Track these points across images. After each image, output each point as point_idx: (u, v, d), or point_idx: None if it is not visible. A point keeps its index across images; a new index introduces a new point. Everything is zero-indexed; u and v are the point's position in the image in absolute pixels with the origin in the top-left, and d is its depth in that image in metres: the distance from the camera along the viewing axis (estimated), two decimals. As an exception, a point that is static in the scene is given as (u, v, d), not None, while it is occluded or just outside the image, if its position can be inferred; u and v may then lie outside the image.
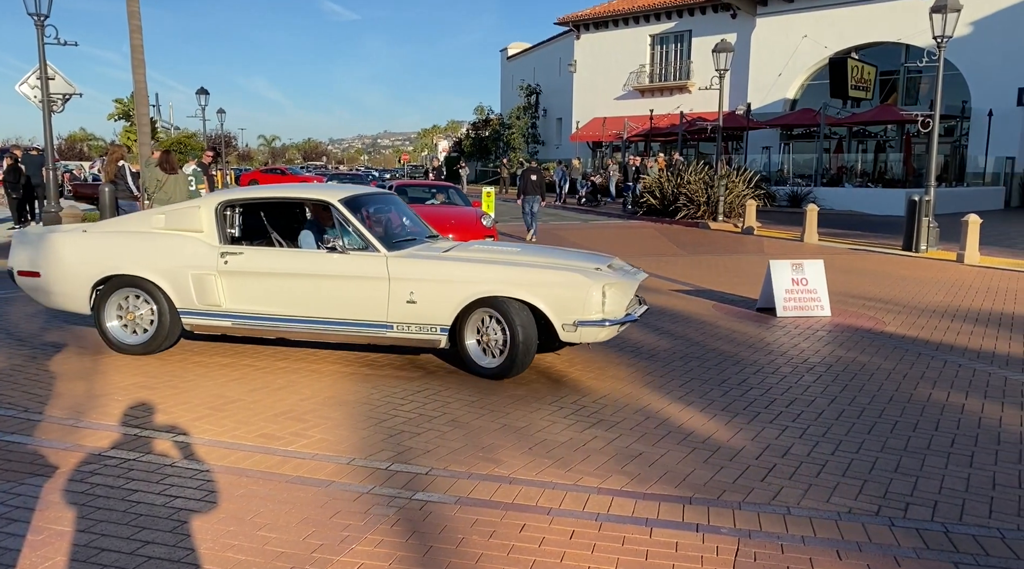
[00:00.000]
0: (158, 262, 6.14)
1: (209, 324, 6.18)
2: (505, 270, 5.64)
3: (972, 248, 13.07)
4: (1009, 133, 27.14)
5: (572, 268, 5.74)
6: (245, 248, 6.12)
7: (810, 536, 3.45)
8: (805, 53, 30.94)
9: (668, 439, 4.63)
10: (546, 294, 5.53)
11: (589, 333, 5.55)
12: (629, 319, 5.78)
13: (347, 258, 5.82)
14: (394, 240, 6.15)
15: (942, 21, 14.11)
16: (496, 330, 5.66)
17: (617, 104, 38.43)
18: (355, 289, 5.77)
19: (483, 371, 5.71)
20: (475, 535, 3.41)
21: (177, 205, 6.51)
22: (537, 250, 6.61)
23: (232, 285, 6.02)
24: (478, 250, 6.26)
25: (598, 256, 6.46)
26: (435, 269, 5.70)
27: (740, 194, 20.37)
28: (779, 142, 32.09)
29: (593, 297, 5.47)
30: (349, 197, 6.17)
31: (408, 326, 5.74)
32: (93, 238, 6.48)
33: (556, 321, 5.53)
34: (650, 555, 3.27)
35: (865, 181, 28.09)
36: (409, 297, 5.68)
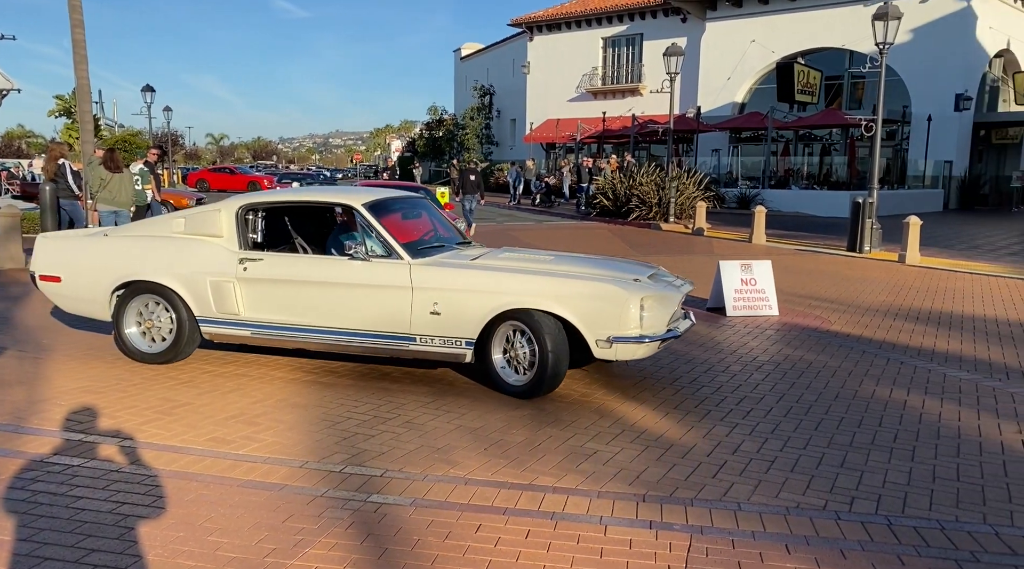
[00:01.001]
0: (177, 268, 5.88)
1: (228, 333, 5.89)
2: (533, 280, 5.26)
3: (913, 249, 13.48)
4: (947, 138, 28.07)
5: (607, 278, 5.34)
6: (266, 254, 5.83)
7: (760, 531, 3.52)
8: (753, 58, 31.55)
9: (622, 438, 4.68)
10: (578, 306, 5.12)
11: (625, 350, 5.12)
12: (671, 335, 5.31)
13: (368, 266, 5.49)
14: (420, 247, 5.79)
15: (884, 28, 14.53)
16: (524, 345, 5.29)
17: (570, 106, 38.67)
18: (377, 299, 5.45)
19: (510, 389, 5.34)
20: (431, 536, 3.40)
21: (198, 209, 6.17)
22: (572, 258, 6.14)
23: (251, 293, 5.74)
24: (507, 258, 5.86)
25: (639, 265, 6.09)
26: (459, 278, 5.37)
27: (691, 196, 20.68)
28: (728, 145, 32.65)
29: (630, 310, 5.05)
30: (374, 201, 5.85)
31: (431, 339, 5.40)
32: (113, 242, 6.26)
33: (589, 336, 5.11)
34: (605, 553, 3.30)
35: (811, 183, 28.75)
36: (433, 308, 5.33)
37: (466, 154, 44.75)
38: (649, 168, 22.07)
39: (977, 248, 16.02)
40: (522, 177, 31.31)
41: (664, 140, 24.99)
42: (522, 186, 30.85)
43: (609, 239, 17.24)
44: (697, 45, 32.93)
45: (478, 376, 5.84)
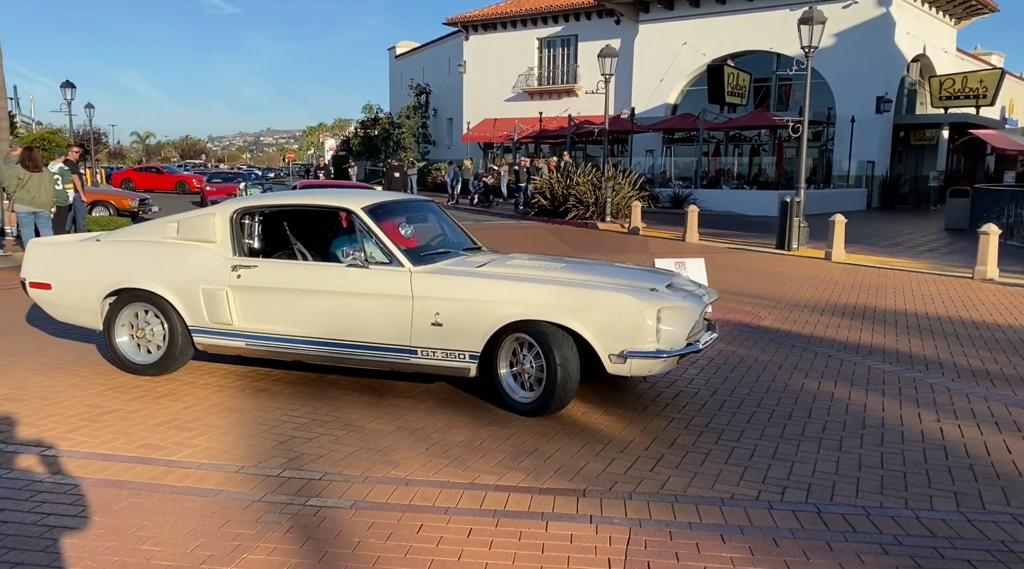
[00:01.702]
0: (168, 275, 5.59)
1: (222, 344, 5.60)
2: (541, 289, 4.92)
3: (838, 246, 13.96)
4: (869, 139, 29.15)
5: (622, 288, 4.96)
6: (260, 261, 5.53)
7: (696, 522, 3.61)
8: (685, 60, 32.19)
9: (562, 434, 4.73)
10: (589, 318, 4.76)
11: (641, 366, 4.78)
12: (691, 350, 4.93)
13: (367, 273, 5.18)
14: (422, 253, 5.47)
15: (809, 32, 15.01)
16: (531, 359, 4.96)
17: (507, 106, 38.77)
18: (376, 308, 5.14)
19: (516, 406, 5.01)
20: (372, 538, 3.38)
21: (192, 213, 5.88)
22: (585, 266, 5.75)
23: (244, 301, 5.44)
24: (515, 265, 5.48)
25: (658, 273, 5.76)
26: (462, 287, 5.02)
27: (626, 196, 20.98)
28: (662, 145, 33.23)
29: (645, 323, 4.68)
30: (374, 205, 5.55)
31: (433, 352, 5.07)
32: (104, 248, 6.00)
33: (601, 350, 4.77)
34: (546, 548, 3.33)
35: (741, 183, 29.49)
36: (434, 319, 5.00)
37: (403, 153, 44.42)
38: (586, 168, 22.30)
39: (898, 245, 16.69)
40: (460, 177, 31.25)
41: (600, 140, 25.31)
42: (460, 186, 30.79)
43: (547, 238, 17.35)
44: (631, 47, 33.41)
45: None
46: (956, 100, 30.63)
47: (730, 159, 32.45)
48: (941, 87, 31.03)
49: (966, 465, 4.38)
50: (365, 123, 52.95)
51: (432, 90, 46.55)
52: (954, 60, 35.03)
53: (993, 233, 11.53)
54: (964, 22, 35.11)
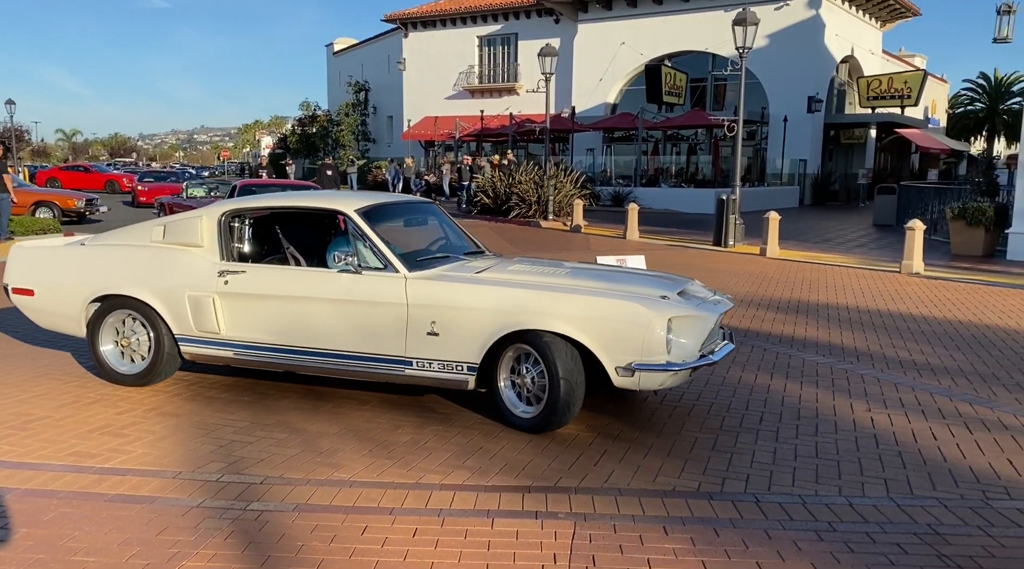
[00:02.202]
0: (154, 281, 5.32)
1: (208, 354, 5.32)
2: (542, 296, 4.61)
3: (773, 242, 14.33)
4: (801, 138, 30.00)
5: (630, 295, 4.65)
6: (248, 266, 5.26)
7: (640, 514, 3.66)
8: (623, 59, 32.58)
9: (507, 432, 4.74)
10: (594, 328, 4.45)
11: (650, 379, 4.45)
12: (704, 362, 4.60)
13: (360, 279, 4.89)
14: (419, 257, 5.18)
15: (743, 33, 15.36)
16: (533, 371, 4.66)
17: (448, 103, 38.65)
18: (369, 317, 4.85)
19: (517, 421, 4.72)
20: (315, 541, 3.33)
21: (179, 215, 5.59)
22: (591, 272, 5.40)
23: (232, 309, 5.17)
24: (516, 271, 5.15)
25: (670, 279, 5.39)
26: (458, 294, 4.73)
27: (568, 194, 21.13)
28: (602, 144, 33.59)
29: (655, 333, 4.37)
30: (368, 207, 5.24)
31: (429, 363, 4.78)
32: (88, 252, 5.72)
33: (607, 362, 4.46)
34: (492, 545, 3.34)
35: (679, 182, 29.99)
36: (430, 328, 4.72)
37: (342, 152, 43.89)
38: (528, 167, 22.39)
39: (829, 241, 17.21)
40: (401, 175, 31.02)
41: (541, 139, 25.45)
42: (401, 184, 30.57)
43: (491, 236, 17.37)
44: (570, 46, 33.66)
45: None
46: (882, 100, 31.73)
47: (668, 158, 32.99)
48: (868, 87, 32.11)
49: (895, 452, 4.54)
50: (303, 121, 52.09)
51: (371, 87, 46.11)
52: (880, 61, 36.31)
53: (918, 229, 11.98)
54: (889, 25, 36.42)
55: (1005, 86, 38.07)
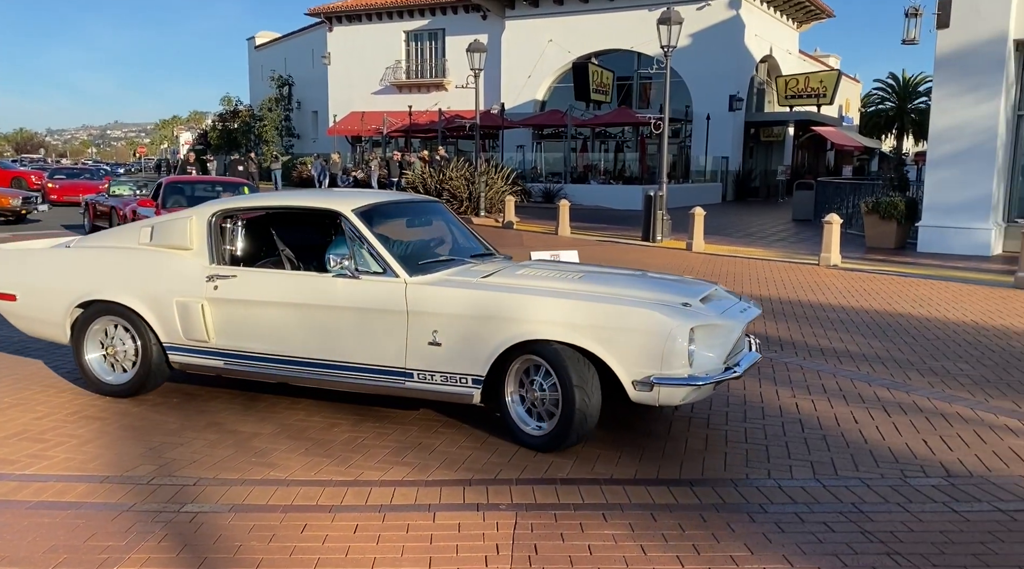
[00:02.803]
0: (140, 286, 5.01)
1: (198, 363, 5.01)
2: (552, 304, 4.26)
3: (698, 237, 14.69)
4: (723, 135, 30.81)
5: (649, 302, 4.28)
6: (240, 270, 4.93)
7: (579, 503, 3.72)
8: (551, 57, 32.82)
9: (445, 427, 4.74)
10: (609, 338, 4.11)
11: (670, 394, 4.10)
12: (729, 375, 4.25)
13: (356, 284, 4.55)
14: (421, 261, 4.80)
15: (667, 32, 15.68)
16: (544, 385, 4.31)
17: (375, 99, 38.22)
18: (365, 325, 4.53)
19: (527, 439, 4.38)
20: (253, 541, 3.27)
21: (167, 216, 5.28)
22: (606, 276, 4.97)
23: (221, 315, 4.85)
24: (525, 275, 4.73)
25: (691, 284, 5.06)
26: (462, 301, 4.38)
27: (499, 190, 21.18)
28: (532, 141, 33.77)
29: (676, 344, 4.02)
30: (366, 206, 4.88)
31: (431, 375, 4.45)
32: (73, 255, 5.40)
33: (624, 376, 4.12)
34: (434, 538, 3.34)
35: (608, 178, 30.44)
36: (432, 337, 4.38)
37: (265, 147, 42.92)
38: (459, 163, 22.34)
39: (752, 235, 17.75)
40: (327, 171, 30.53)
41: (471, 135, 25.45)
42: (327, 180, 30.09)
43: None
44: (499, 42, 33.71)
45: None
46: (800, 99, 32.82)
47: (597, 155, 33.42)
48: (786, 87, 33.16)
49: (820, 436, 4.73)
50: (224, 116, 50.71)
51: (295, 82, 45.20)
52: (797, 61, 37.57)
53: (835, 223, 12.47)
54: (805, 25, 37.73)
55: (913, 86, 39.90)
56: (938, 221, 14.04)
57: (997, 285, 10.51)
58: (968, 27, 13.42)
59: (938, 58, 13.89)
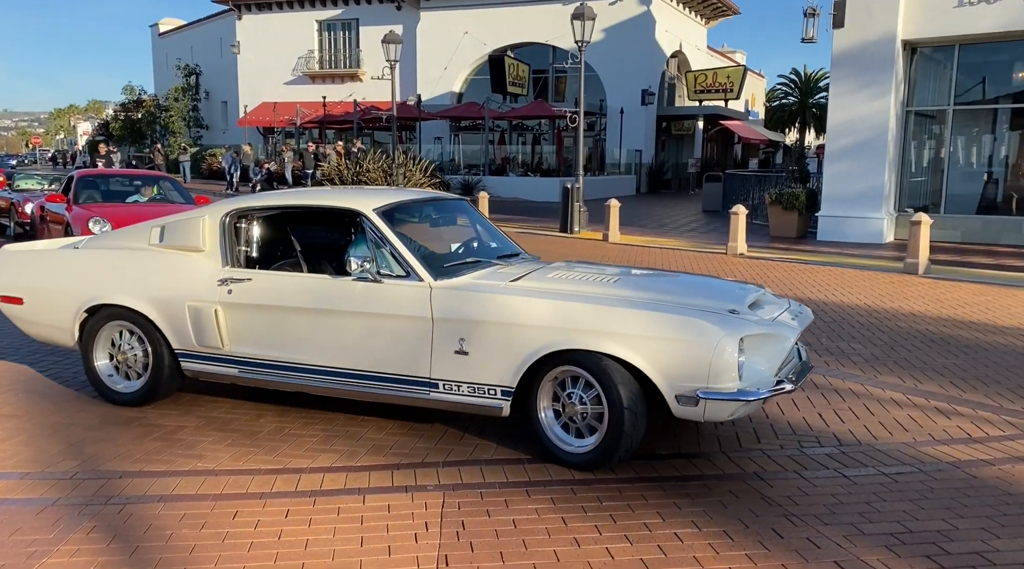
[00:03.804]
0: (150, 289, 4.75)
1: (211, 371, 4.74)
2: (590, 311, 3.95)
3: (614, 228, 15.11)
4: (636, 129, 31.59)
5: (694, 309, 3.98)
6: (254, 273, 4.64)
7: (504, 481, 3.90)
8: (467, 49, 32.89)
9: (372, 415, 4.84)
10: (651, 349, 3.80)
11: (717, 410, 3.78)
12: (781, 390, 3.89)
13: (377, 289, 4.28)
14: (446, 263, 4.55)
15: (581, 27, 16.01)
16: (583, 397, 4.00)
17: (288, 89, 37.43)
18: (387, 332, 4.26)
19: (566, 456, 4.06)
20: (185, 529, 3.32)
21: (179, 216, 5.00)
22: (646, 278, 4.72)
23: (236, 321, 4.58)
24: (558, 278, 4.40)
25: (738, 287, 4.65)
26: (490, 306, 4.09)
27: (418, 182, 21.14)
28: (449, 133, 33.80)
29: (724, 356, 3.70)
30: (388, 206, 4.60)
31: (457, 386, 4.17)
32: (81, 257, 5.11)
33: (667, 390, 3.80)
34: (365, 519, 3.47)
35: (526, 171, 30.77)
36: (458, 346, 4.11)
37: (172, 138, 41.48)
38: (376, 155, 22.19)
39: (664, 226, 18.34)
40: (239, 163, 29.77)
41: (387, 127, 25.29)
42: (239, 173, 29.35)
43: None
44: (413, 34, 33.55)
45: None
46: (708, 94, 33.93)
47: (515, 148, 33.72)
48: (695, 82, 34.22)
49: (726, 412, 5.04)
50: (127, 106, 48.68)
51: (203, 71, 43.80)
52: (705, 57, 38.79)
53: (741, 213, 13.06)
54: (713, 22, 38.97)
55: (813, 82, 41.71)
56: (836, 211, 14.86)
57: (888, 271, 11.24)
58: (861, 27, 14.23)
59: (834, 56, 14.67)
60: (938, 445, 4.45)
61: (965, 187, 15.44)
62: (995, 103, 15.26)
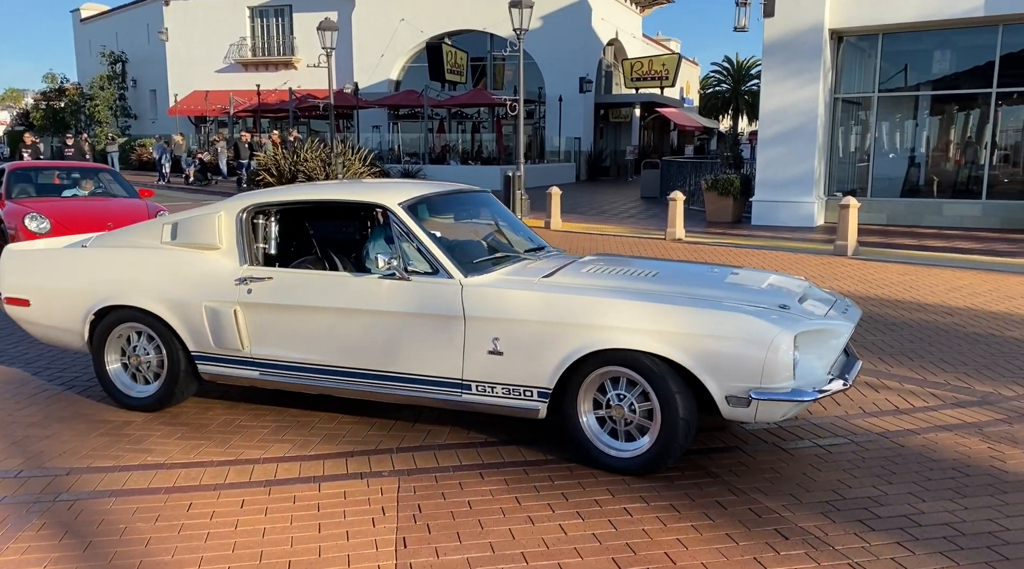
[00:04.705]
0: (165, 289, 4.54)
1: (230, 374, 4.57)
2: (633, 308, 3.77)
3: (556, 215, 15.26)
4: (575, 117, 31.83)
5: (744, 305, 3.80)
6: (276, 271, 4.45)
7: (458, 465, 3.98)
8: (404, 36, 32.60)
9: (323, 405, 4.84)
10: (700, 348, 3.64)
11: (770, 410, 3.64)
12: (837, 387, 3.74)
13: (405, 287, 4.12)
14: (476, 260, 4.35)
15: (519, 15, 16.07)
16: (632, 400, 3.83)
17: (220, 77, 36.50)
18: (417, 332, 4.11)
19: (611, 462, 3.89)
20: (139, 522, 3.31)
21: (192, 212, 4.77)
22: (685, 272, 4.53)
23: (257, 322, 4.40)
24: (594, 272, 4.28)
25: (784, 281, 4.47)
26: (528, 304, 3.92)
27: (358, 172, 20.93)
28: (388, 121, 33.48)
29: (779, 355, 3.55)
30: (415, 199, 4.44)
31: (492, 387, 4.03)
32: (90, 256, 4.87)
33: (717, 391, 3.65)
34: (321, 506, 3.50)
35: (466, 159, 30.73)
36: (492, 346, 3.96)
37: (98, 128, 40.05)
38: (313, 144, 21.88)
39: (605, 212, 18.59)
40: (170, 153, 28.98)
41: (324, 115, 24.94)
42: (170, 163, 28.57)
43: (276, 216, 16.90)
44: (349, 20, 33.07)
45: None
46: (644, 82, 34.38)
47: (455, 136, 33.60)
48: (632, 70, 34.63)
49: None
50: (48, 94, 46.81)
51: (129, 59, 42.33)
52: (641, 45, 39.27)
53: (679, 199, 13.36)
54: (648, 10, 39.47)
55: (745, 69, 42.66)
56: (769, 196, 15.31)
57: (820, 253, 11.66)
58: (790, 17, 14.65)
59: (766, 45, 15.07)
60: (868, 417, 4.70)
61: (890, 171, 16.07)
62: (916, 90, 15.90)
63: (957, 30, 14.63)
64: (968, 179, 15.47)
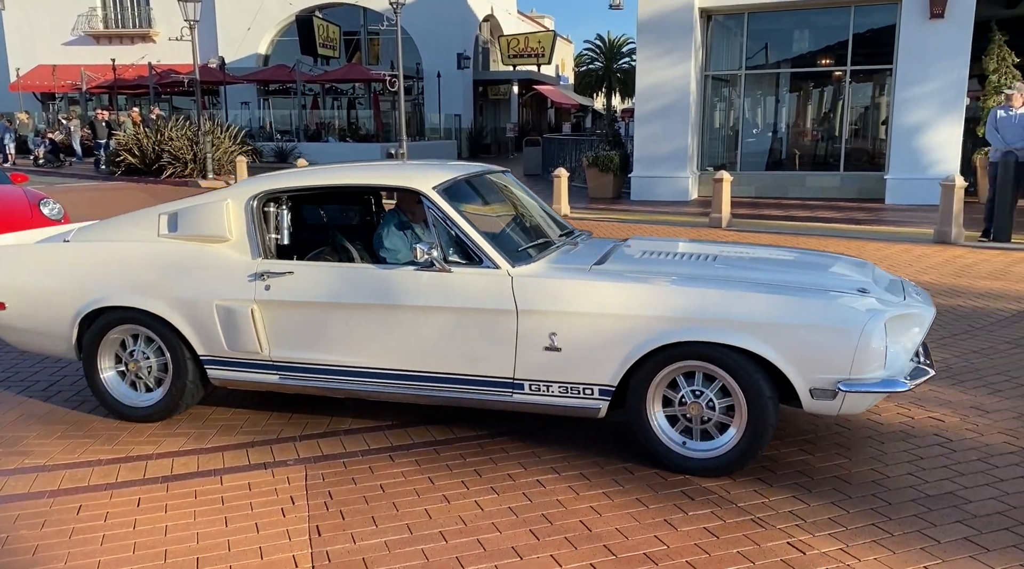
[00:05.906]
0: (168, 288, 4.04)
1: (246, 379, 4.09)
2: (711, 297, 3.48)
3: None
4: (454, 93, 31.63)
5: (824, 290, 3.54)
6: (296, 265, 3.99)
7: (366, 449, 3.90)
8: (272, 9, 31.31)
9: (215, 395, 4.62)
10: (784, 338, 3.37)
11: (857, 402, 3.41)
12: (925, 376, 3.55)
13: (447, 279, 3.73)
14: (519, 247, 3.96)
15: (397, -10, 15.75)
16: (707, 395, 3.53)
17: (68, 51, 33.86)
18: (462, 328, 3.74)
19: (687, 463, 3.59)
20: (22, 529, 3.06)
21: (192, 200, 4.17)
22: (749, 257, 4.27)
23: (276, 321, 3.95)
24: (649, 260, 4.00)
25: (851, 263, 4.17)
26: (590, 294, 3.59)
27: (228, 150, 20.03)
28: (257, 98, 32.14)
29: (871, 343, 3.30)
30: (447, 182, 3.99)
31: (547, 386, 3.70)
32: (74, 251, 4.31)
33: (800, 383, 3.38)
34: (226, 499, 3.35)
35: (344, 136, 29.95)
36: (549, 341, 3.61)
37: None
38: (178, 122, 20.72)
39: (488, 190, 18.62)
40: (13, 133, 26.70)
41: (188, 91, 23.64)
42: (14, 144, 26.34)
43: (143, 200, 15.92)
44: (212, -9, 31.40)
45: (45, 362, 5.13)
46: (521, 59, 34.58)
47: (330, 112, 32.68)
48: (508, 46, 34.74)
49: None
50: None
51: (-39, 29, 38.58)
52: (516, 21, 39.39)
53: (563, 176, 13.53)
54: (522, -12, 39.59)
55: (617, 47, 43.61)
56: (647, 172, 15.77)
57: (697, 225, 12.15)
58: (663, -4, 15.06)
59: (639, 23, 15.43)
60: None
61: (756, 146, 16.90)
62: (778, 68, 16.75)
63: (815, 10, 15.50)
64: (827, 153, 16.50)
